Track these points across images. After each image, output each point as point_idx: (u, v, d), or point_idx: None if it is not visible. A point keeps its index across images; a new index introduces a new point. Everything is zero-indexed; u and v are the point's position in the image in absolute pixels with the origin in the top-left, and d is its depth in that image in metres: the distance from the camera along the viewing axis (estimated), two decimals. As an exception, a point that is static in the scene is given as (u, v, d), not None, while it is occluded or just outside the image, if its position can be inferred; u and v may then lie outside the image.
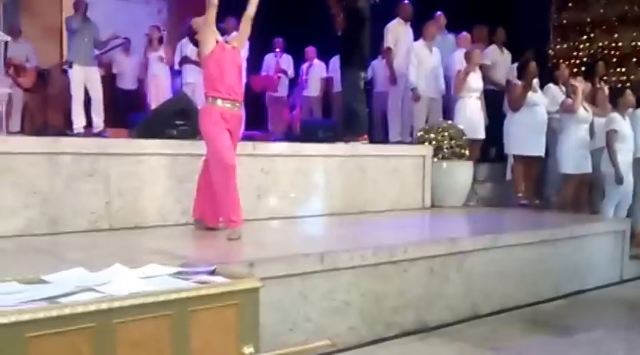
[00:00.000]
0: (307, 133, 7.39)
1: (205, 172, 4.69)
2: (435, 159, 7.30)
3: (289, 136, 8.50)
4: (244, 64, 7.37)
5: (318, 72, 10.90)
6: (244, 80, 6.53)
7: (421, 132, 7.61)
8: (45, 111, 9.49)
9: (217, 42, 4.60)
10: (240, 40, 4.87)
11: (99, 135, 7.83)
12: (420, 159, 7.21)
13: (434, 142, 7.36)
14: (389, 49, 8.74)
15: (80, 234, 4.71)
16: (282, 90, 10.82)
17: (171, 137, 5.59)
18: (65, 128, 8.71)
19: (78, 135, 7.72)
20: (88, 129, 8.30)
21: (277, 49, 10.81)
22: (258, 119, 9.24)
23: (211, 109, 4.54)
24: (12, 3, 11.17)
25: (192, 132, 5.55)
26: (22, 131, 8.28)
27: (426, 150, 7.31)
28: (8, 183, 4.37)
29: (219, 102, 4.52)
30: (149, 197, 5.16)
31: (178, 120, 5.81)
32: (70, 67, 8.43)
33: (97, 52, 8.74)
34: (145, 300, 2.43)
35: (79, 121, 8.33)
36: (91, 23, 8.59)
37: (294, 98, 11.21)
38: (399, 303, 4.30)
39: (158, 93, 9.18)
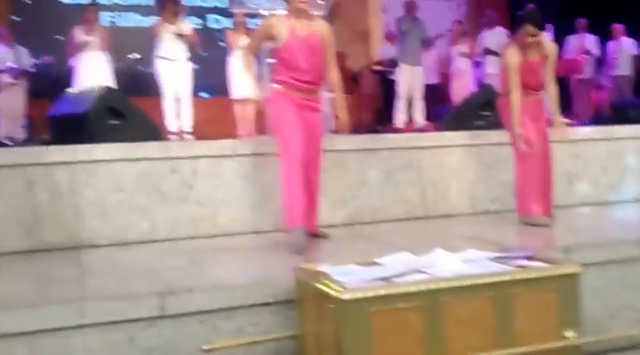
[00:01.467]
0: (617, 115, 7.06)
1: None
2: None
3: (598, 119, 8.13)
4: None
5: (628, 49, 10.20)
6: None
7: None
8: (358, 111, 10.22)
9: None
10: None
11: (420, 130, 7.98)
12: None
13: None
14: None
15: (398, 222, 5.11)
16: (588, 72, 10.33)
17: (478, 128, 5.78)
18: (377, 125, 9.30)
19: (395, 130, 8.09)
20: (409, 125, 8.51)
21: (580, 30, 10.35)
22: (563, 103, 8.90)
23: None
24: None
25: (498, 122, 5.66)
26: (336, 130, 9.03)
27: None
28: (337, 176, 4.92)
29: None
30: (459, 186, 5.39)
31: (484, 111, 5.98)
32: (396, 66, 8.69)
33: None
34: (469, 282, 2.65)
35: (400, 117, 8.60)
36: (421, 23, 8.67)
37: (601, 79, 10.62)
38: None
39: (462, 86, 9.32)
